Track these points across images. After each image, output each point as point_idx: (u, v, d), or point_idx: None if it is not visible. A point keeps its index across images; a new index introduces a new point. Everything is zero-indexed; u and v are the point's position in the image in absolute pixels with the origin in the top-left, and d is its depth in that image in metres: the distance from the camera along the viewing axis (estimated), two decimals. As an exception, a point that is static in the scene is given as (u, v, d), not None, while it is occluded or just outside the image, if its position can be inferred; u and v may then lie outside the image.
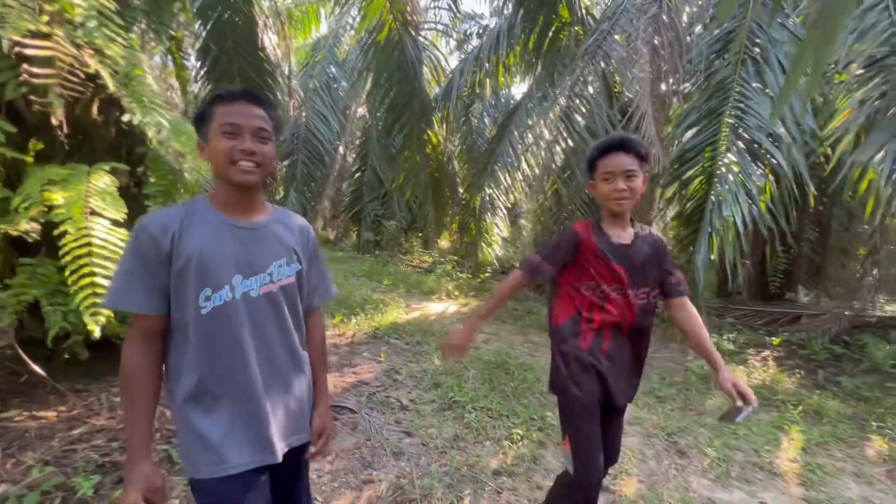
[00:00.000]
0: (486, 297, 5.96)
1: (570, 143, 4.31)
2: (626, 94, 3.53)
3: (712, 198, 3.16)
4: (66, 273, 2.02)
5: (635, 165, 1.36)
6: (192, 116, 1.14)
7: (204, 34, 4.55)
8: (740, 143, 3.18)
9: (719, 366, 1.35)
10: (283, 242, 1.09)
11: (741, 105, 3.25)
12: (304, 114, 8.30)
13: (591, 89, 3.79)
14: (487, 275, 6.64)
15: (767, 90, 3.22)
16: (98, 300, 2.06)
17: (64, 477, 1.93)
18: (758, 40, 3.36)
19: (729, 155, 3.17)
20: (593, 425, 1.46)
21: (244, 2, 4.90)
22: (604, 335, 1.44)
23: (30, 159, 2.42)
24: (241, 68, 4.96)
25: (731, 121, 3.24)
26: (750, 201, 3.01)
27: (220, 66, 4.76)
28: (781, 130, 3.09)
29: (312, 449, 1.20)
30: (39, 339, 2.63)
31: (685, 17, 3.51)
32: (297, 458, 1.17)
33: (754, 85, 3.27)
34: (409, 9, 5.36)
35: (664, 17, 3.05)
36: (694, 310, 1.45)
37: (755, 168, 3.07)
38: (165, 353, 1.03)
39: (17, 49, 2.03)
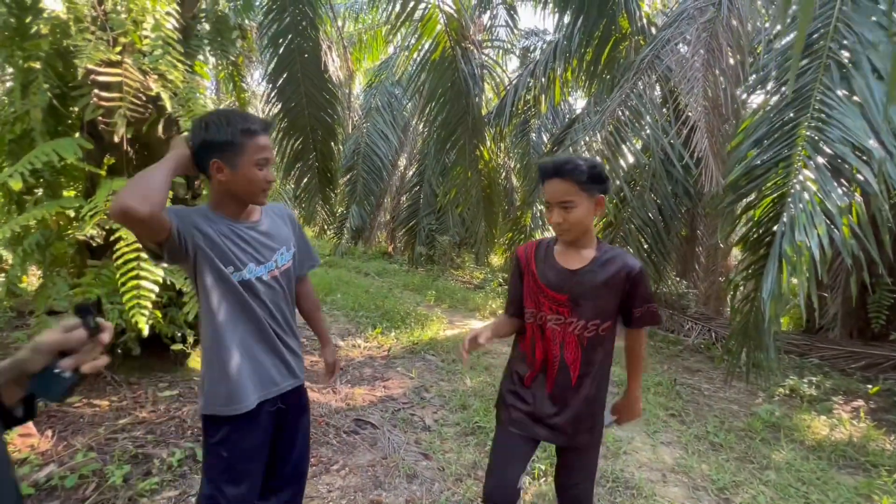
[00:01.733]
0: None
1: (623, 159, 4.05)
2: (684, 107, 3.24)
3: (784, 219, 2.77)
4: (117, 275, 2.22)
5: (572, 194, 1.22)
6: (208, 138, 1.14)
7: (275, 60, 4.95)
8: (819, 159, 2.77)
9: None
10: (280, 235, 1.34)
11: (822, 115, 2.84)
12: (365, 131, 8.67)
13: (646, 101, 3.54)
14: (537, 294, 6.39)
15: (855, 97, 2.79)
16: (142, 301, 2.23)
17: (101, 463, 2.09)
18: (845, 42, 2.95)
19: (805, 171, 2.78)
20: (508, 441, 1.38)
21: (311, 28, 5.28)
22: (543, 367, 1.35)
23: (104, 173, 2.72)
24: (307, 89, 5.31)
25: (809, 133, 2.84)
26: (829, 223, 2.60)
27: (289, 88, 5.14)
28: (872, 143, 2.65)
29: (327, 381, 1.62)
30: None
31: (750, 22, 3.16)
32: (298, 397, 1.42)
33: (839, 93, 2.85)
34: (464, 27, 5.43)
35: (724, 21, 2.76)
36: (641, 342, 1.39)
37: (836, 186, 2.65)
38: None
39: (91, 76, 2.31)
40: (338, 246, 9.84)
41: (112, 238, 2.31)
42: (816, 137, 2.82)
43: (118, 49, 2.38)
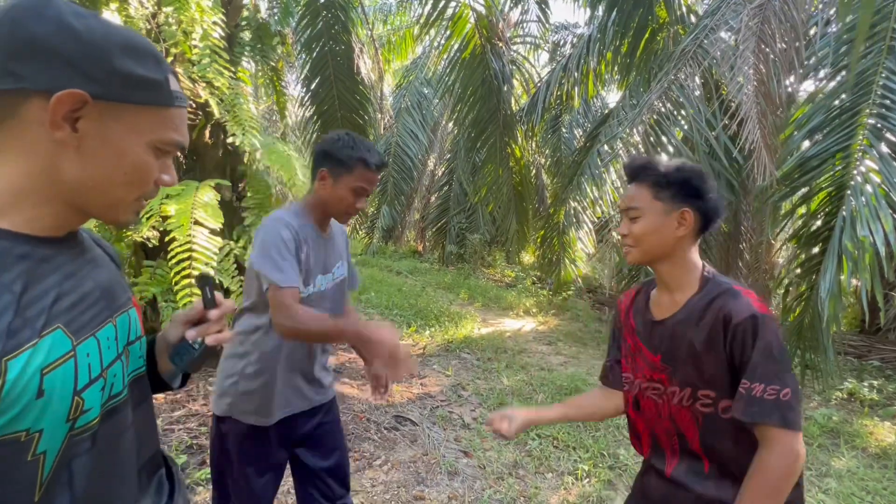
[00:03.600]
0: (566, 315, 5.64)
1: (664, 152, 3.91)
2: (731, 97, 3.09)
3: (843, 213, 2.62)
4: (171, 274, 2.33)
5: (642, 201, 0.95)
6: (325, 147, 1.25)
7: (309, 64, 5.07)
8: (884, 147, 2.60)
9: None
10: (340, 249, 1.40)
11: (886, 101, 2.66)
12: (395, 131, 8.76)
13: (688, 92, 3.41)
14: (570, 293, 6.29)
15: (924, 81, 2.60)
16: (194, 299, 2.33)
17: (160, 453, 2.20)
18: (911, 22, 2.75)
19: (867, 161, 2.61)
20: None
21: (343, 32, 5.37)
22: (652, 452, 1.03)
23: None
24: (340, 92, 5.41)
25: (871, 121, 2.67)
26: (895, 217, 2.44)
27: (322, 90, 5.26)
28: (945, 130, 2.47)
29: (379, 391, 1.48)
30: (156, 330, 3.09)
31: (806, 6, 2.98)
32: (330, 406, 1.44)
33: (905, 76, 2.67)
34: (494, 24, 5.40)
35: (776, 6, 2.61)
36: (764, 455, 0.84)
37: (904, 177, 2.48)
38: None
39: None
40: (369, 245, 9.99)
41: (166, 239, 2.43)
42: (879, 125, 2.65)
43: (170, 59, 2.50)
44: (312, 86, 5.23)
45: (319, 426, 1.37)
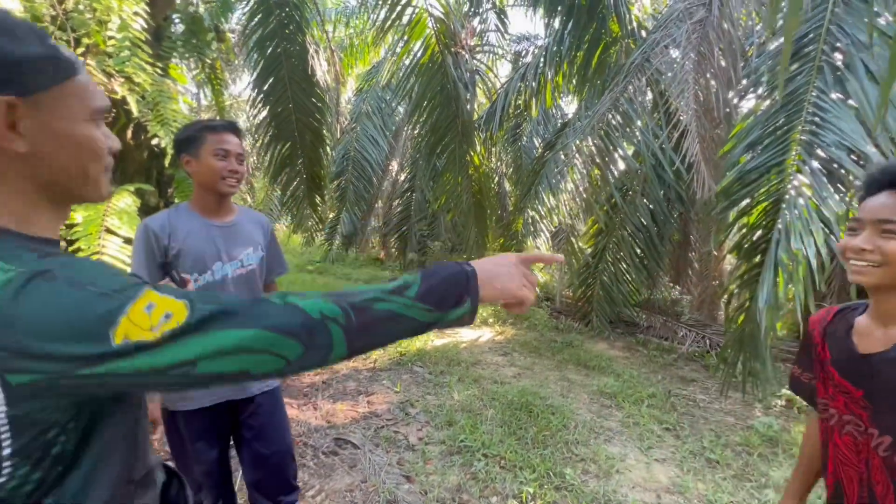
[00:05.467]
0: (523, 327, 5.61)
1: (613, 164, 3.97)
2: (676, 110, 3.16)
3: (779, 226, 2.69)
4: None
5: None
6: (176, 137, 1.38)
7: (261, 64, 4.85)
8: (815, 163, 2.69)
9: None
10: (249, 236, 1.44)
11: (816, 119, 2.76)
12: (355, 136, 8.57)
13: (636, 105, 3.45)
14: (529, 301, 6.27)
15: (850, 101, 2.72)
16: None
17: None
18: (838, 44, 2.88)
19: (800, 176, 2.69)
20: None
21: (298, 32, 5.18)
22: (833, 497, 0.93)
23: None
24: (295, 94, 5.22)
25: (803, 137, 2.76)
26: (827, 230, 2.51)
27: (276, 91, 5.04)
28: (870, 148, 2.57)
29: None
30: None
31: (743, 22, 3.09)
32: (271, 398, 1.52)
33: (833, 96, 2.78)
34: (453, 31, 5.35)
35: (714, 22, 2.68)
36: None
37: (833, 191, 2.57)
38: None
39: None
40: (328, 252, 9.69)
41: (70, 249, 2.17)
42: (811, 141, 2.74)
43: (80, 50, 2.25)
44: (266, 87, 5.02)
45: (252, 415, 1.47)
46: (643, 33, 4.76)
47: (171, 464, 0.72)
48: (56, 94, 0.51)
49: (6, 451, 0.45)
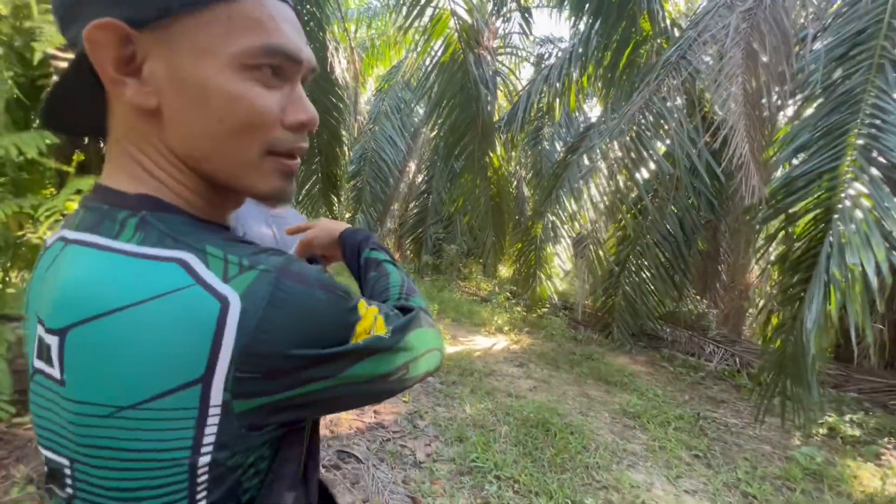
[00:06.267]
0: (540, 336, 5.39)
1: (644, 167, 3.74)
2: (717, 111, 2.93)
3: (830, 238, 2.43)
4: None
5: None
6: None
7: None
8: (874, 170, 2.43)
9: None
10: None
11: (876, 121, 2.51)
12: (372, 136, 8.48)
13: (670, 104, 3.23)
14: (545, 310, 6.05)
15: (916, 101, 2.45)
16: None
17: (39, 500, 1.83)
18: (901, 39, 2.62)
19: (856, 184, 2.44)
20: None
21: (318, 29, 5.11)
22: None
23: (72, 170, 2.50)
24: (313, 91, 5.14)
25: (860, 141, 2.51)
26: (889, 245, 2.25)
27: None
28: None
29: None
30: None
31: (794, 16, 2.83)
32: None
33: (896, 95, 2.52)
34: (476, 30, 5.20)
35: (764, 14, 2.44)
36: None
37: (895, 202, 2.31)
38: None
39: (52, 62, 2.09)
40: (343, 253, 9.61)
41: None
42: (868, 146, 2.48)
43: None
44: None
45: None
46: (676, 32, 4.51)
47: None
48: (187, 27, 0.35)
49: None
